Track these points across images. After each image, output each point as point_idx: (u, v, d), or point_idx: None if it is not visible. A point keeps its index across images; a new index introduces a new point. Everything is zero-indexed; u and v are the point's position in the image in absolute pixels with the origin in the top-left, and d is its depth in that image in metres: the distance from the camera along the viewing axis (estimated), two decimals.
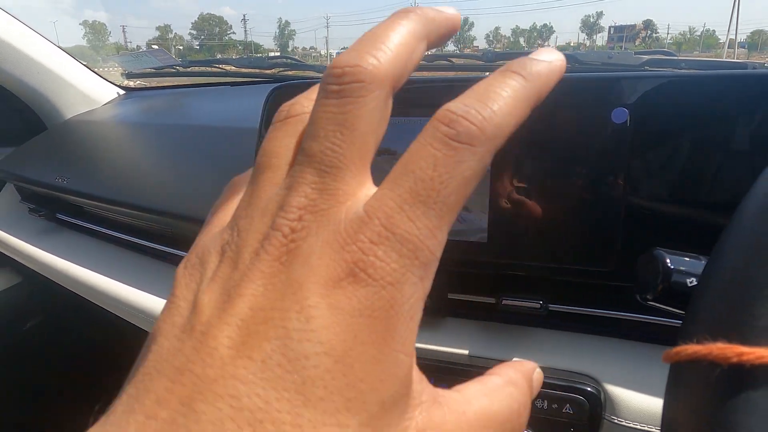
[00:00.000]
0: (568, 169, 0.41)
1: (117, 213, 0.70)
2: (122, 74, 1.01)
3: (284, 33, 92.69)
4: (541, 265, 0.43)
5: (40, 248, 0.75)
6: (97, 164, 0.74)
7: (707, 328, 0.18)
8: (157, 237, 0.66)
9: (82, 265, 0.69)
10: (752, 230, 0.18)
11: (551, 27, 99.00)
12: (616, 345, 0.45)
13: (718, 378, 0.17)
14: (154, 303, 0.59)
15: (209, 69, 1.00)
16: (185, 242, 0.64)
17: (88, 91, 0.92)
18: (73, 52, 1.00)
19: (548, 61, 0.18)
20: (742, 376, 0.16)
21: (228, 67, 0.97)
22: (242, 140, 0.60)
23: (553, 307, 0.45)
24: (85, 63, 0.94)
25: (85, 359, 1.05)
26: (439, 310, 0.48)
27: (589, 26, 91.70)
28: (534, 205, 0.42)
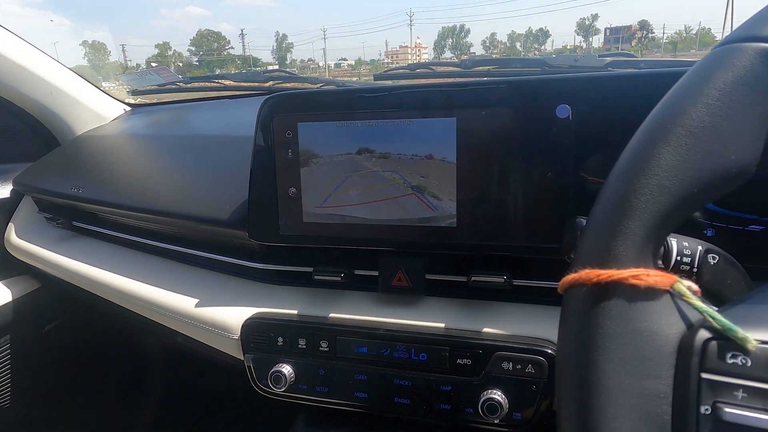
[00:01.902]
0: (523, 160, 0.47)
1: (129, 217, 0.76)
2: (128, 92, 1.09)
3: (282, 46, 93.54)
4: (504, 245, 0.49)
5: (59, 254, 0.82)
6: (109, 174, 0.81)
7: (581, 262, 0.24)
8: (166, 238, 0.73)
9: (98, 267, 0.75)
10: (610, 189, 0.24)
11: (547, 31, 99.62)
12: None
13: (584, 294, 0.23)
14: (163, 296, 0.66)
15: (209, 84, 1.07)
16: (191, 242, 0.70)
17: (97, 108, 1.00)
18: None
19: None
20: (599, 290, 0.23)
21: (227, 82, 1.04)
22: (241, 147, 0.67)
23: (517, 281, 0.51)
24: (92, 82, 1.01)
25: (100, 360, 1.11)
26: (418, 289, 0.54)
27: (585, 29, 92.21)
28: (496, 193, 0.49)
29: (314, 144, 0.53)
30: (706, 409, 0.21)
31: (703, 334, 0.22)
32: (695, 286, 0.24)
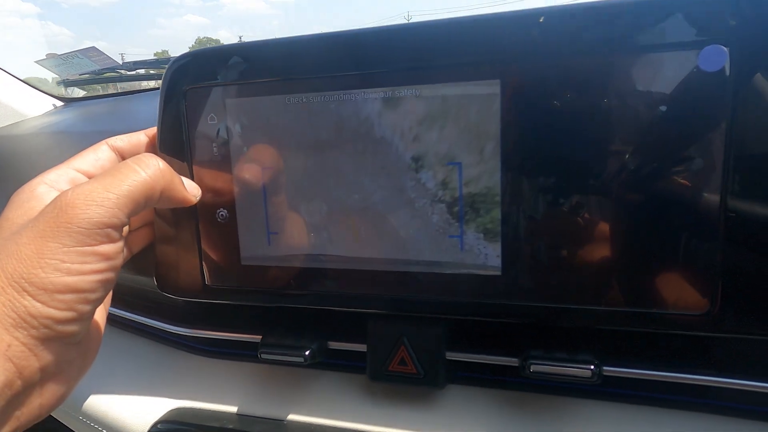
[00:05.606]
0: (626, 153, 0.25)
1: None
2: (58, 83, 0.87)
3: None
4: (589, 308, 0.27)
5: None
6: None
7: None
8: None
9: None
10: None
11: None
12: (711, 425, 0.29)
13: None
14: None
15: (161, 71, 0.85)
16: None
17: (9, 101, 0.77)
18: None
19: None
20: None
21: None
22: None
23: (609, 370, 0.29)
24: (9, 71, 0.79)
25: None
26: (434, 378, 0.32)
27: None
28: (573, 212, 0.26)
29: (256, 135, 0.31)
30: None
31: None
32: None
